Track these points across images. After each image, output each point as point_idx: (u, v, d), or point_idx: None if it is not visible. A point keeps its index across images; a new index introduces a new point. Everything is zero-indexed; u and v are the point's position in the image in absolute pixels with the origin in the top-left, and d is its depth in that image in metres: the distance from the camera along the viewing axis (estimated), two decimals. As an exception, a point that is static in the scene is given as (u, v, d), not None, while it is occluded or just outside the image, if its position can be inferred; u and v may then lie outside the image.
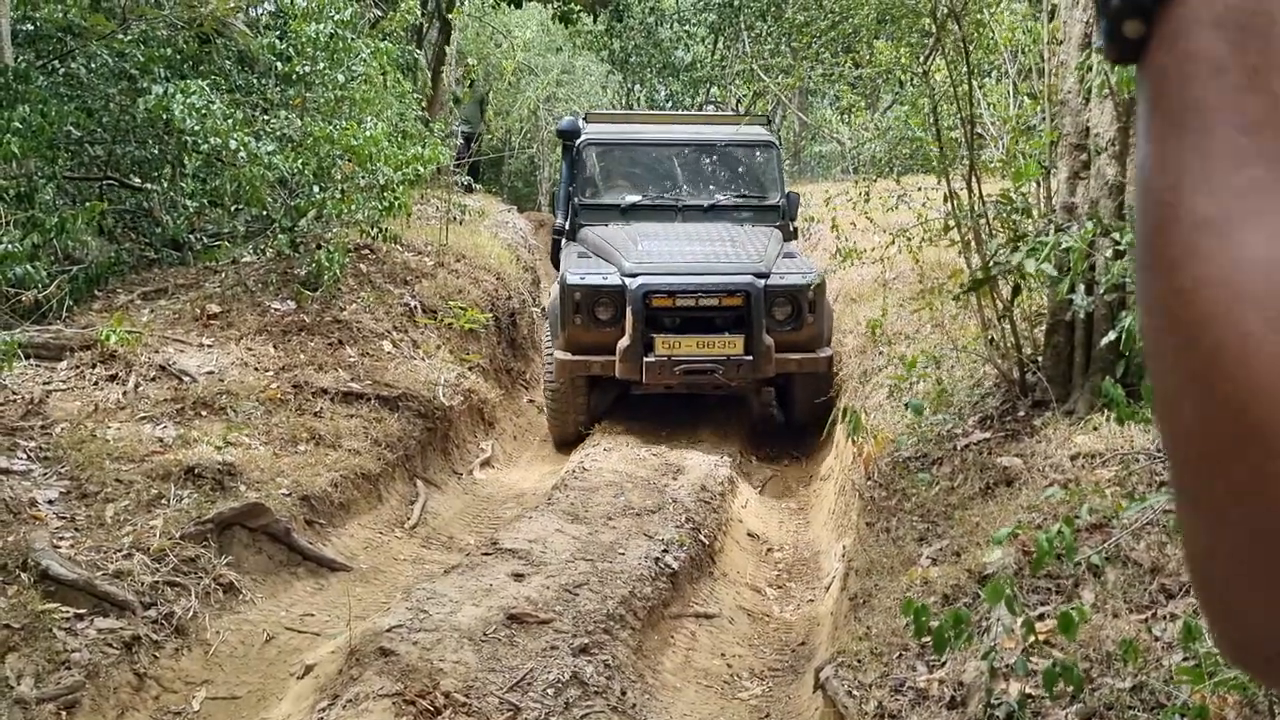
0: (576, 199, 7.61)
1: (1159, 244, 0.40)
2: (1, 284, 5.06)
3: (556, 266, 7.66)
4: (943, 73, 5.35)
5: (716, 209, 7.65)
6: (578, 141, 7.73)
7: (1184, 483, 0.40)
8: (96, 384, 5.22)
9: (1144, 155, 0.42)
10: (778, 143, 8.47)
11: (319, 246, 6.93)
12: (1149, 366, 0.42)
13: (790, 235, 7.69)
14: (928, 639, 3.04)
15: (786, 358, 6.63)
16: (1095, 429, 3.65)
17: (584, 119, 8.29)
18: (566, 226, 7.64)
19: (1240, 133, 0.38)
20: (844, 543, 5.00)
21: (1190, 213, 0.38)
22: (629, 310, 6.50)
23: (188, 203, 6.97)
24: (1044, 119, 4.96)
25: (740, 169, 8.06)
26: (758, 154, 8.01)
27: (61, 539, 3.99)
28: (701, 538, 5.18)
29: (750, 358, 6.54)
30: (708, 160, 8.03)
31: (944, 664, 2.95)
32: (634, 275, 6.59)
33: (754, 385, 7.14)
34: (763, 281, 6.61)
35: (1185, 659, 2.09)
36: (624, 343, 6.50)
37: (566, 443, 7.04)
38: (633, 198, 7.64)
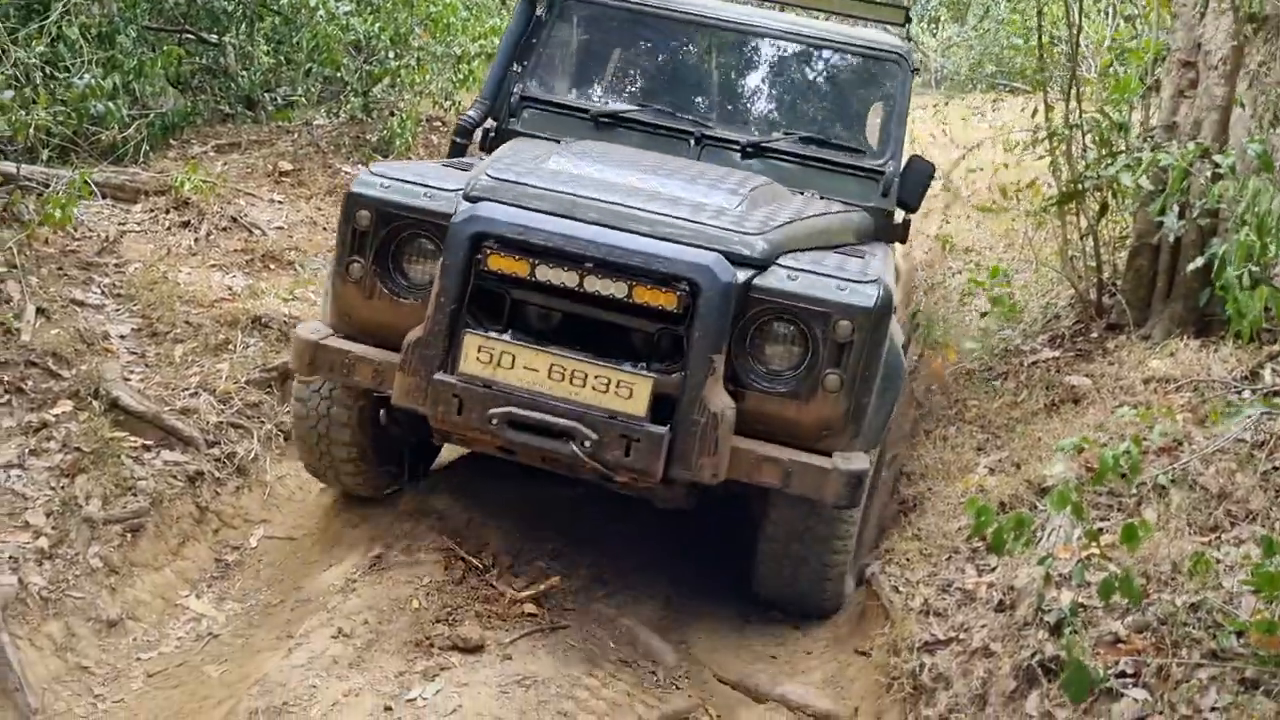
0: (521, 85, 4.12)
1: None
2: (82, 121, 5.09)
3: None
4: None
5: (765, 154, 3.93)
6: None
7: None
8: (169, 229, 5.27)
9: None
10: (911, 61, 4.21)
11: (392, 114, 6.89)
12: None
13: (897, 234, 4.00)
14: (980, 543, 3.05)
15: (759, 453, 2.97)
16: (1172, 354, 3.58)
17: None
18: (486, 125, 4.13)
19: None
20: (893, 452, 4.99)
21: None
22: (439, 264, 3.06)
23: (263, 58, 6.93)
24: (1140, 38, 4.77)
25: (832, 93, 4.31)
26: (873, 72, 4.20)
27: (131, 373, 4.09)
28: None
29: (664, 430, 2.91)
30: (775, 66, 4.34)
31: (994, 569, 2.96)
32: (474, 199, 3.12)
33: (682, 495, 3.29)
34: (743, 276, 2.97)
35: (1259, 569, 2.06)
36: (414, 333, 3.07)
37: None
38: (620, 106, 4.11)
